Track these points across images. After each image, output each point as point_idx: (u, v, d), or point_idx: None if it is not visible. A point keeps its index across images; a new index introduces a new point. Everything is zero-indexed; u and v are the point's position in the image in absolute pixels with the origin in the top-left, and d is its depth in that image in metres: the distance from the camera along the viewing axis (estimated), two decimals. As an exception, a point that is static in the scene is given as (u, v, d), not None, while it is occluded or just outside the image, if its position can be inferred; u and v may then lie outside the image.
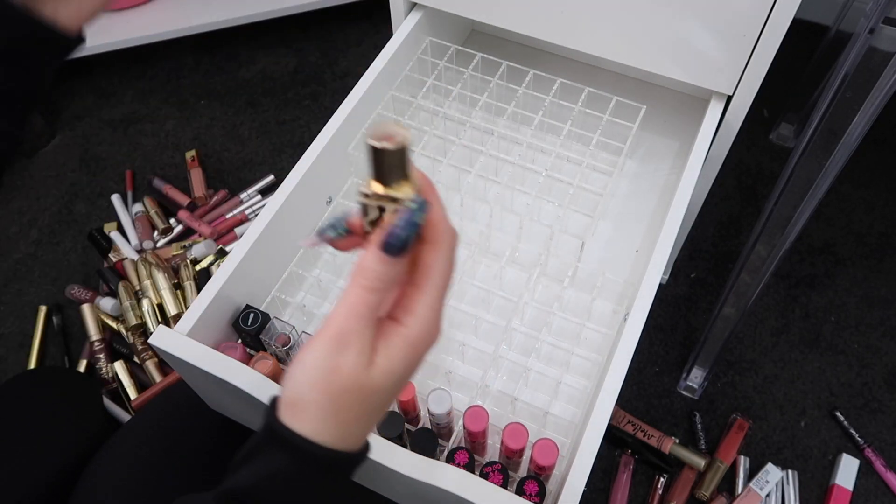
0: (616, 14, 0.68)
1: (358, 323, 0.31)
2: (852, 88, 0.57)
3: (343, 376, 0.31)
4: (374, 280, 0.31)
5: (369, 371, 0.32)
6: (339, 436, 0.33)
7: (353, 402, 0.32)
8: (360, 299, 0.31)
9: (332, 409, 0.32)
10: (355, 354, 0.31)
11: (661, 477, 0.90)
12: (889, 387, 0.98)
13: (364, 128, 0.73)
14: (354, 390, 0.32)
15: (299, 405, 0.32)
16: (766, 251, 0.74)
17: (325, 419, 0.32)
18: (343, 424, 0.33)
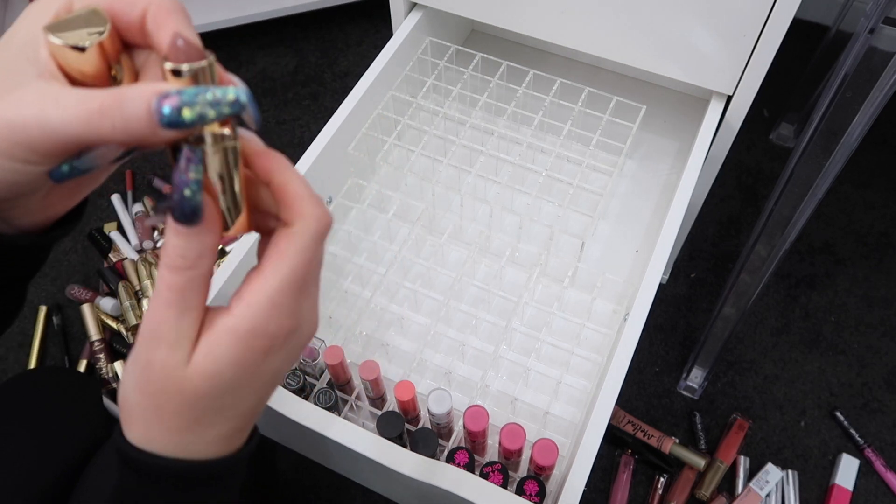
0: (616, 14, 0.68)
1: (167, 311, 0.26)
2: (852, 88, 0.57)
3: (156, 374, 0.27)
4: (174, 258, 0.26)
5: (186, 370, 0.27)
6: (175, 443, 0.28)
7: (176, 405, 0.27)
8: (165, 283, 0.26)
9: (154, 412, 0.28)
10: (167, 348, 0.27)
11: (661, 477, 0.90)
12: (889, 387, 0.98)
13: (364, 128, 0.73)
14: (173, 392, 0.27)
15: (125, 408, 0.28)
16: (766, 251, 0.74)
17: (149, 424, 0.28)
18: (174, 431, 0.28)
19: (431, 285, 0.71)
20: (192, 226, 0.25)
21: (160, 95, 0.23)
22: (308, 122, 1.29)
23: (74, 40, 0.26)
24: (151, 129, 0.24)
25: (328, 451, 0.60)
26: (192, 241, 0.26)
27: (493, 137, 0.74)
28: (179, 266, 0.26)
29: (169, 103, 0.23)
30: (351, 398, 0.63)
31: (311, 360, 0.61)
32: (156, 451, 0.28)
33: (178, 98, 0.23)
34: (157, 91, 0.24)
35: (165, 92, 0.23)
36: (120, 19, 0.27)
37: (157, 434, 0.28)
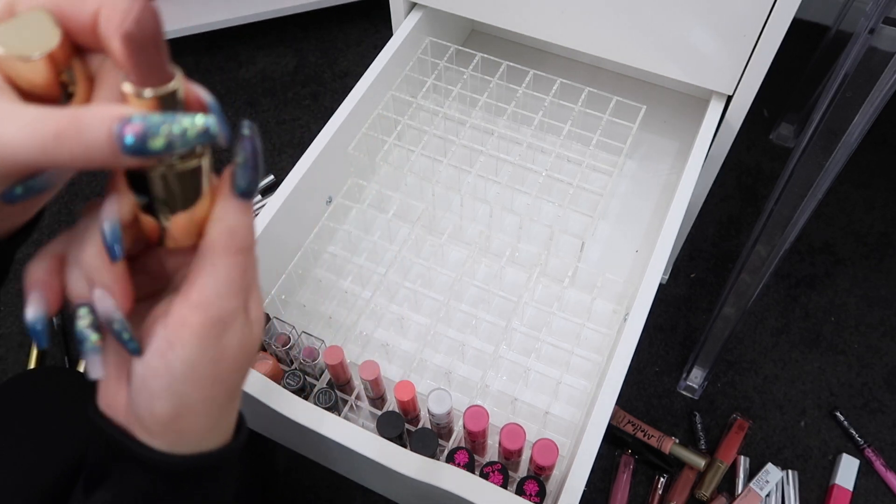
0: (616, 14, 0.68)
1: (236, 297, 0.27)
2: (852, 88, 0.57)
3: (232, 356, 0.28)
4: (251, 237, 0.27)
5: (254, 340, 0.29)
6: (212, 430, 0.29)
7: (239, 382, 0.29)
8: (243, 268, 0.27)
9: (223, 398, 0.28)
10: (239, 327, 0.28)
11: (661, 477, 0.90)
12: (889, 387, 0.98)
13: (364, 128, 0.73)
14: (245, 369, 0.29)
15: (154, 416, 0.28)
16: (766, 251, 0.74)
17: (208, 418, 0.28)
18: (221, 416, 0.29)
19: (431, 285, 0.71)
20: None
21: (122, 121, 0.21)
22: (308, 122, 1.29)
23: (21, 49, 0.23)
24: (113, 156, 0.22)
25: (328, 451, 0.60)
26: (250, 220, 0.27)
27: (493, 137, 0.74)
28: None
29: (132, 131, 0.21)
30: (351, 398, 0.63)
31: (311, 360, 0.61)
32: (192, 450, 0.28)
33: (141, 125, 0.22)
34: (118, 116, 0.22)
35: (127, 117, 0.22)
36: (69, 21, 0.24)
37: (204, 428, 0.28)
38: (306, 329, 0.67)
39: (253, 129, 0.25)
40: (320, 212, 0.72)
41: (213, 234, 0.26)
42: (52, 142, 0.22)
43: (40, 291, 0.27)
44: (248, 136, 0.25)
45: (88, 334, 0.27)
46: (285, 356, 0.63)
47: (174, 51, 1.41)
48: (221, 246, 0.26)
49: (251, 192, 0.26)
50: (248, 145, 0.25)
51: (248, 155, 0.25)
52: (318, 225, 0.71)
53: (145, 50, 0.22)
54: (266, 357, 0.61)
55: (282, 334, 0.63)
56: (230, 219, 0.26)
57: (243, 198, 0.26)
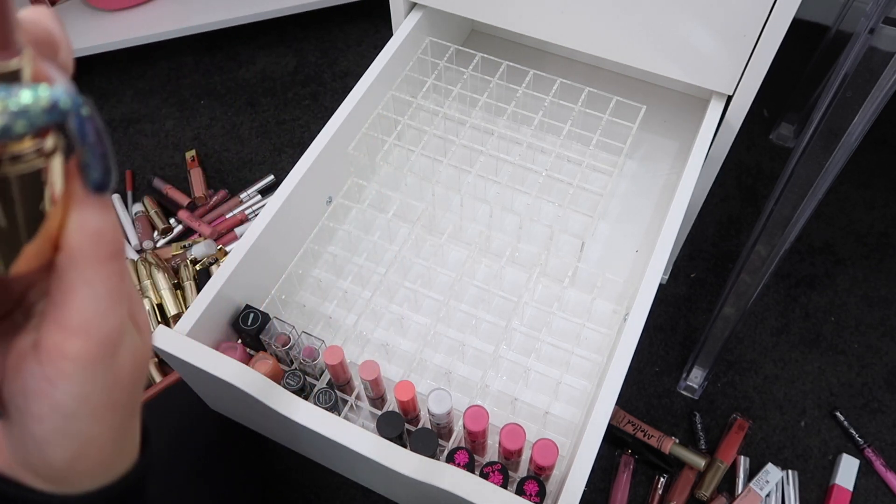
0: (616, 14, 0.68)
1: (119, 308, 0.23)
2: (852, 88, 0.57)
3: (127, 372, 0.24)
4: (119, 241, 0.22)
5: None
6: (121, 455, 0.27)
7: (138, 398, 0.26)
8: (120, 275, 0.22)
9: (126, 422, 0.26)
10: (130, 337, 0.24)
11: (661, 477, 0.90)
12: (889, 387, 0.98)
13: (364, 128, 0.73)
14: (140, 384, 0.26)
15: (57, 463, 0.24)
16: (766, 251, 0.74)
17: (116, 444, 0.26)
18: (127, 438, 0.27)
19: (431, 285, 0.71)
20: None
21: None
22: (308, 122, 1.29)
23: None
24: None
25: (328, 451, 0.60)
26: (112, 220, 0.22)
27: (493, 137, 0.74)
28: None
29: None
30: (351, 398, 0.63)
31: (311, 360, 0.61)
32: (98, 484, 0.25)
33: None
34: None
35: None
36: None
37: (108, 458, 0.25)
38: (306, 329, 0.67)
39: (91, 106, 0.20)
40: (320, 212, 0.72)
41: (75, 244, 0.21)
42: None
43: None
44: (89, 118, 0.20)
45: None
46: (285, 356, 0.63)
47: (175, 51, 1.41)
48: (90, 255, 0.21)
49: (107, 185, 0.21)
50: (90, 128, 0.20)
51: (93, 140, 0.20)
52: (318, 225, 0.71)
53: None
54: (266, 357, 0.61)
55: (282, 334, 0.63)
56: (93, 221, 0.21)
57: (100, 193, 0.21)
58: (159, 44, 1.29)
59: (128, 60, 1.39)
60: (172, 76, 1.37)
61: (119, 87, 1.37)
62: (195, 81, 1.36)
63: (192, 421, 0.69)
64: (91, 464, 0.24)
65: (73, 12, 1.29)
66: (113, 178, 0.21)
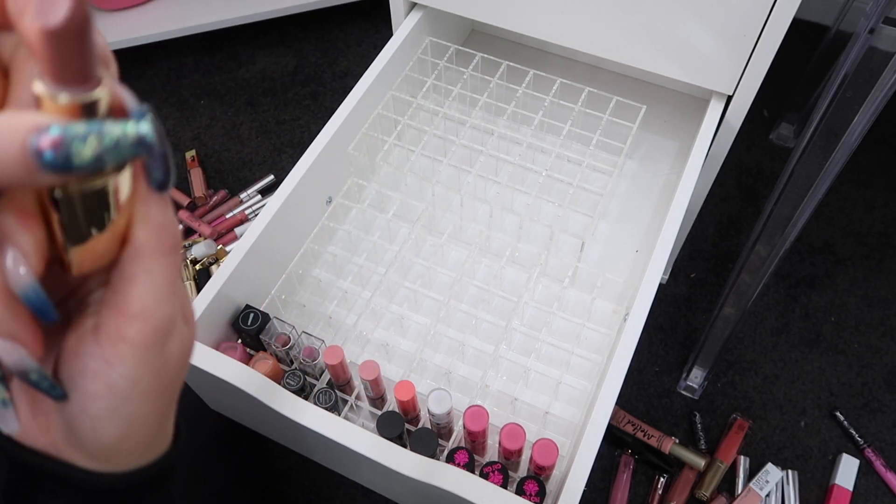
0: (616, 14, 0.68)
1: (174, 300, 0.25)
2: (852, 88, 0.57)
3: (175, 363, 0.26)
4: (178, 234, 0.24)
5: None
6: (157, 440, 0.28)
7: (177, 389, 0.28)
8: (177, 268, 0.24)
9: (167, 409, 0.27)
10: (179, 330, 0.26)
11: (661, 477, 0.90)
12: (889, 387, 0.98)
13: (364, 128, 0.73)
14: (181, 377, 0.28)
15: (100, 439, 0.25)
16: (766, 251, 0.74)
17: (159, 426, 0.27)
18: (166, 425, 0.29)
19: (431, 285, 0.71)
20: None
21: (37, 132, 0.18)
22: (308, 122, 1.29)
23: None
24: (29, 173, 0.18)
25: (328, 451, 0.60)
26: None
27: (493, 137, 0.74)
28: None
29: (51, 146, 0.18)
30: (351, 398, 0.63)
31: (311, 360, 0.61)
32: (134, 465, 0.27)
33: (60, 136, 0.18)
34: (33, 126, 0.18)
35: (43, 127, 0.18)
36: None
37: (148, 441, 0.27)
38: (306, 329, 0.67)
39: (152, 110, 0.21)
40: (320, 212, 0.72)
41: (141, 238, 0.23)
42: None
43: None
44: (152, 146, 0.21)
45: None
46: (285, 356, 0.63)
47: (175, 51, 1.41)
48: (153, 248, 0.23)
49: (168, 183, 0.23)
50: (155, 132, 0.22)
51: (157, 142, 0.21)
52: (318, 225, 0.71)
53: (70, 47, 0.18)
54: (266, 357, 0.61)
55: (282, 334, 0.63)
56: (155, 217, 0.23)
57: (162, 191, 0.23)
58: (159, 44, 1.29)
59: (128, 60, 1.39)
60: (172, 76, 1.37)
61: (119, 87, 1.37)
62: (195, 81, 1.36)
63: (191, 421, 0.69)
64: (135, 443, 0.26)
65: (73, 12, 1.28)
66: (173, 177, 0.23)
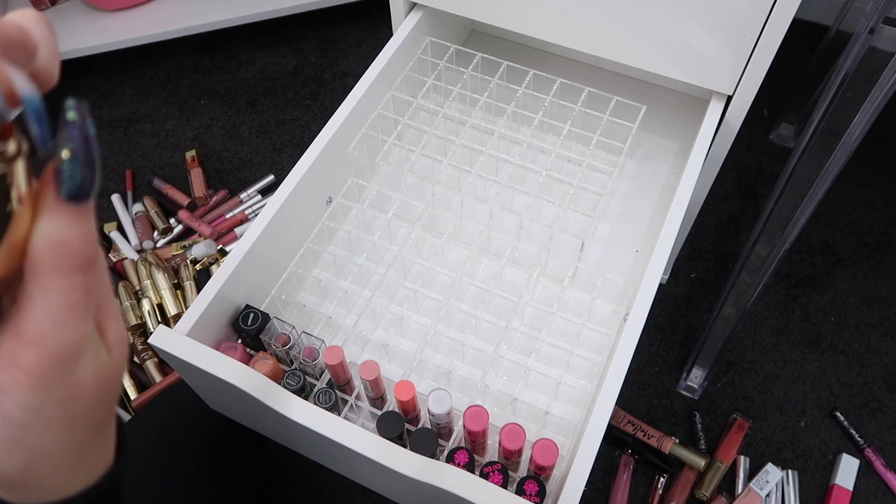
0: (616, 14, 0.68)
1: (82, 322, 0.22)
2: (852, 88, 0.57)
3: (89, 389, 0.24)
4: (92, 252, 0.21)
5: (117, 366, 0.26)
6: (92, 466, 0.26)
7: (109, 410, 0.26)
8: (85, 288, 0.21)
9: (90, 436, 0.25)
10: (93, 353, 0.23)
11: (661, 477, 0.90)
12: (889, 387, 0.98)
13: (364, 128, 0.73)
14: (112, 397, 0.26)
15: (27, 475, 0.24)
16: (766, 251, 0.74)
17: (80, 456, 0.25)
18: (97, 451, 0.26)
19: (431, 285, 0.71)
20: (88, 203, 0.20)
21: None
22: (308, 122, 1.29)
23: None
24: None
25: (328, 451, 0.60)
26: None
27: (493, 137, 0.74)
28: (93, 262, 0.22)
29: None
30: (351, 398, 0.63)
31: (311, 360, 0.61)
32: (58, 497, 0.24)
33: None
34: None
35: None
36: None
37: (67, 472, 0.24)
38: (306, 329, 0.67)
39: (81, 109, 0.19)
40: (320, 212, 0.72)
41: (37, 253, 0.20)
42: None
43: None
44: (75, 122, 0.19)
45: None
46: (285, 356, 0.63)
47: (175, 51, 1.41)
48: (51, 266, 0.20)
49: (83, 195, 0.20)
50: (76, 133, 0.19)
51: (77, 145, 0.19)
52: (318, 225, 0.71)
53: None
54: (266, 357, 0.61)
55: (282, 334, 0.63)
56: (59, 231, 0.20)
57: (74, 202, 0.20)
58: (159, 44, 1.29)
59: (128, 60, 1.39)
60: (172, 76, 1.37)
61: (119, 87, 1.37)
62: (195, 81, 1.36)
63: (191, 421, 0.69)
64: (44, 476, 0.23)
65: (73, 12, 1.29)
66: (93, 188, 0.20)
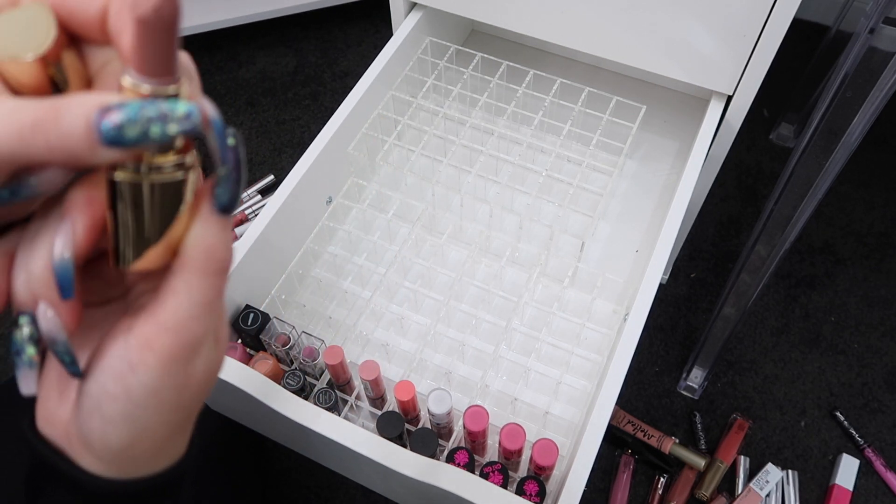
0: (616, 14, 0.68)
1: (209, 316, 0.25)
2: (852, 88, 0.57)
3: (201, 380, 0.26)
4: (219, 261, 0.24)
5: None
6: (169, 455, 0.29)
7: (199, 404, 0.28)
8: (218, 290, 0.25)
9: (185, 425, 0.28)
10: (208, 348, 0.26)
11: (661, 477, 0.90)
12: (889, 387, 0.98)
13: (364, 128, 0.73)
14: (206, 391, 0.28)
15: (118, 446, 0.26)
16: (766, 251, 0.74)
17: (174, 442, 0.28)
18: (182, 438, 0.29)
19: (431, 285, 0.71)
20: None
21: (101, 108, 0.20)
22: (308, 122, 1.29)
23: (11, 48, 0.22)
24: (90, 147, 0.20)
25: (328, 451, 0.60)
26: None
27: (493, 137, 0.74)
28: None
29: (109, 118, 0.19)
30: (351, 398, 0.63)
31: (311, 360, 0.61)
32: (138, 475, 0.27)
33: (120, 112, 0.20)
34: (99, 103, 0.20)
35: (107, 105, 0.20)
36: (73, 14, 0.22)
37: (156, 453, 0.27)
38: (306, 329, 0.67)
39: (238, 137, 0.23)
40: (320, 212, 0.72)
41: (190, 253, 0.23)
42: (28, 131, 0.20)
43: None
44: (233, 147, 0.22)
45: (25, 347, 0.24)
46: (285, 356, 0.63)
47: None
48: (199, 266, 0.23)
49: (232, 208, 0.24)
50: (232, 156, 0.23)
51: (232, 167, 0.23)
52: (318, 225, 0.71)
53: (156, 38, 0.20)
54: (266, 357, 0.61)
55: (282, 334, 0.63)
56: (210, 237, 0.23)
57: (223, 214, 0.23)
58: (159, 44, 1.29)
59: (128, 60, 1.39)
60: (172, 76, 1.37)
61: (119, 87, 1.37)
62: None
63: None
64: (141, 452, 0.26)
65: (73, 12, 1.29)
66: (238, 205, 0.24)
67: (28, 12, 0.22)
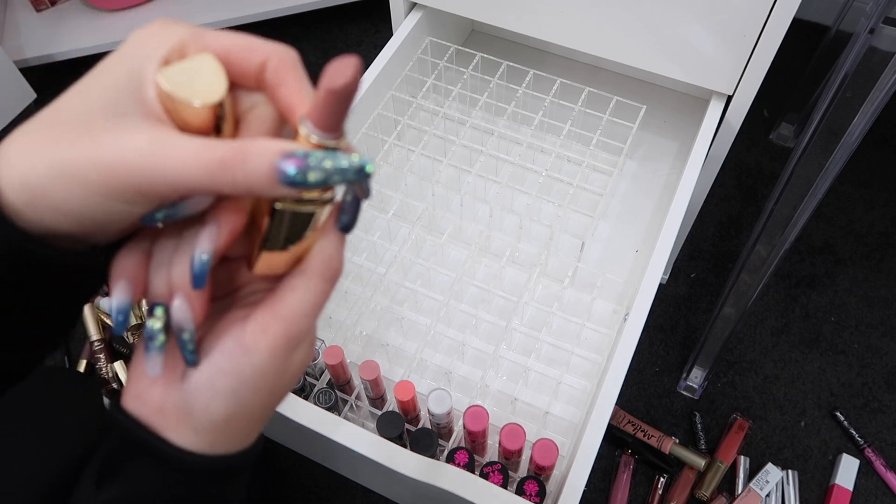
0: (616, 14, 0.68)
1: (313, 313, 0.29)
2: (852, 88, 0.57)
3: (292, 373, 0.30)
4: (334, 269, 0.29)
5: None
6: (246, 438, 0.31)
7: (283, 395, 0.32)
8: (327, 295, 0.29)
9: (267, 410, 0.31)
10: (307, 346, 0.30)
11: (661, 477, 0.90)
12: (889, 387, 0.98)
13: (364, 128, 0.73)
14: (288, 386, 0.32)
15: (208, 417, 0.29)
16: (766, 251, 0.74)
17: (251, 424, 0.31)
18: (259, 424, 0.32)
19: (431, 285, 0.71)
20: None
21: (284, 155, 0.24)
22: (308, 122, 1.29)
23: (187, 94, 0.25)
24: (269, 186, 0.24)
25: (328, 451, 0.60)
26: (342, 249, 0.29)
27: (493, 137, 0.74)
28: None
29: (294, 164, 0.24)
30: (351, 398, 0.63)
31: (311, 360, 0.61)
32: (220, 452, 0.29)
33: (304, 161, 0.24)
34: (282, 150, 0.24)
35: (291, 152, 0.24)
36: (234, 66, 0.26)
37: (243, 433, 0.30)
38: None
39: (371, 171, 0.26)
40: (320, 212, 0.72)
41: (315, 260, 0.28)
42: (217, 169, 0.24)
43: (128, 282, 0.28)
44: (361, 181, 0.26)
45: (158, 334, 0.28)
46: (285, 356, 0.63)
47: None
48: (319, 271, 0.28)
49: (351, 228, 0.29)
50: (362, 189, 0.28)
51: (356, 195, 0.28)
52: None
53: (337, 105, 0.24)
54: (266, 357, 0.61)
55: (282, 334, 0.63)
56: (331, 249, 0.28)
57: (344, 232, 0.29)
58: (159, 44, 1.29)
59: (128, 60, 1.39)
60: (172, 76, 1.37)
61: (119, 87, 1.37)
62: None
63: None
64: (235, 428, 0.29)
65: (73, 12, 1.29)
66: (355, 225, 0.29)
67: (199, 63, 0.25)
